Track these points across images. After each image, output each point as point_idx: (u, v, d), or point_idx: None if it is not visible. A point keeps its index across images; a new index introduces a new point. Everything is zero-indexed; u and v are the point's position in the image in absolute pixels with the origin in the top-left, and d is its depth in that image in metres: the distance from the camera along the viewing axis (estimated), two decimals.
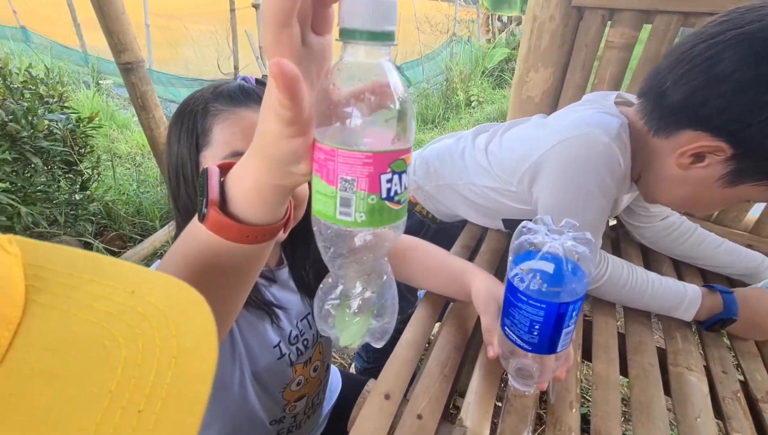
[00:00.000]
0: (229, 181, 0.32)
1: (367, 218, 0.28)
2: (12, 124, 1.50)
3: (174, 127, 0.57)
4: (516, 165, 0.77)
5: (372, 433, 0.51)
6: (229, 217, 0.31)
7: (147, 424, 0.16)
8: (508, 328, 0.48)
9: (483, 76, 4.92)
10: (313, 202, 0.30)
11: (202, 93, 0.56)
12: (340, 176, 0.27)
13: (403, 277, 0.74)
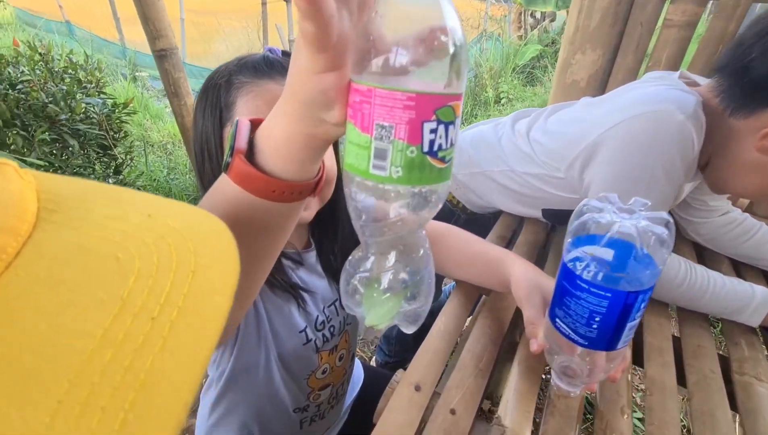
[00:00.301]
0: (259, 133, 0.29)
1: (404, 174, 0.24)
2: (51, 105, 1.55)
3: (199, 102, 0.55)
4: (566, 149, 0.71)
5: (401, 425, 0.47)
6: (255, 168, 0.28)
7: (161, 331, 0.15)
8: (561, 320, 0.42)
9: (514, 72, 4.79)
10: (345, 154, 0.26)
11: (227, 66, 0.54)
12: (376, 122, 0.23)
13: (435, 265, 0.70)
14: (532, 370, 0.54)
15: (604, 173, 0.66)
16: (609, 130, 0.63)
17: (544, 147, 0.77)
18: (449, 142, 0.24)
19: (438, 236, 0.69)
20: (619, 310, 0.36)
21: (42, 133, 1.48)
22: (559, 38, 5.40)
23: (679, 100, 0.59)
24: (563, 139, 0.73)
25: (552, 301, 0.45)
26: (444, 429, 0.47)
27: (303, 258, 0.67)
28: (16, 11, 5.78)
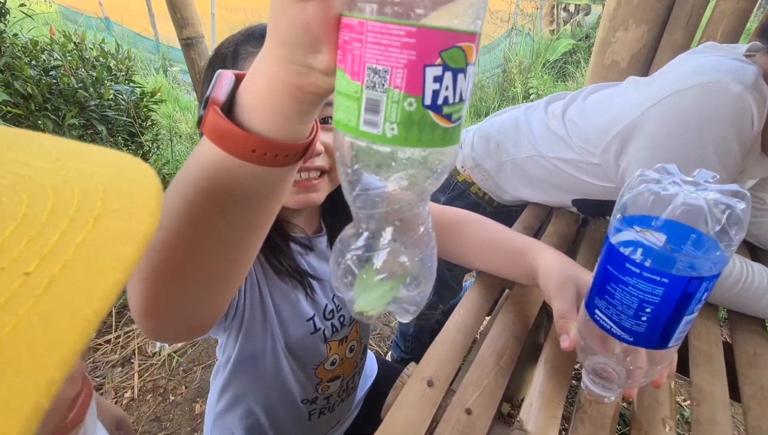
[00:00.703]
0: (242, 86, 0.25)
1: (400, 132, 0.19)
2: (81, 91, 1.58)
3: (206, 74, 0.52)
4: (602, 132, 0.65)
5: (411, 423, 0.43)
6: (232, 122, 0.23)
7: (34, 289, 0.12)
8: (602, 312, 0.36)
9: (544, 68, 4.63)
10: (335, 109, 0.22)
11: (234, 36, 0.51)
12: (368, 65, 0.19)
13: (453, 254, 0.65)
14: (560, 371, 0.49)
15: (642, 158, 0.59)
16: (649, 110, 0.56)
17: (580, 129, 0.70)
18: (458, 95, 0.19)
19: (460, 224, 0.64)
20: (676, 300, 0.30)
21: (71, 118, 1.52)
22: (593, 32, 5.18)
23: (736, 70, 0.51)
24: (599, 122, 0.66)
25: (591, 291, 0.39)
26: (458, 430, 0.42)
27: (313, 243, 0.63)
28: (60, 8, 6.07)
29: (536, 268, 0.52)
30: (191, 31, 1.88)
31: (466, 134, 0.96)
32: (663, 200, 0.30)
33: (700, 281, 0.30)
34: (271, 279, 0.58)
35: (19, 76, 1.44)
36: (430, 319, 1.26)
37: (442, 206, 0.68)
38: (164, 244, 0.26)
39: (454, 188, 0.98)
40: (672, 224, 0.30)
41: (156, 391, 1.37)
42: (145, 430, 1.25)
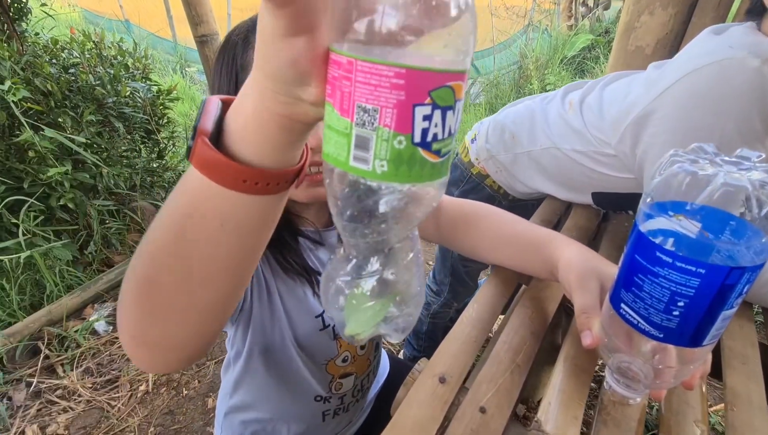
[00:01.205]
0: (230, 112, 0.24)
1: (390, 169, 0.19)
2: (99, 88, 1.60)
3: (216, 62, 0.50)
4: (616, 121, 0.61)
5: (422, 420, 0.40)
6: (221, 152, 0.23)
7: None
8: (628, 306, 0.34)
9: (562, 64, 4.53)
10: (324, 141, 0.22)
11: (245, 22, 0.48)
12: (358, 103, 0.19)
13: (468, 248, 0.63)
14: (581, 369, 0.46)
15: (661, 144, 0.55)
16: (662, 95, 0.53)
17: (596, 119, 0.66)
18: (447, 131, 0.20)
19: (475, 217, 0.62)
20: (713, 293, 0.27)
21: (89, 114, 1.54)
22: (613, 27, 5.04)
23: (754, 44, 0.48)
24: (614, 110, 0.63)
25: (616, 283, 0.36)
26: (472, 429, 0.40)
27: (323, 237, 0.62)
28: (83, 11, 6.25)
29: (556, 261, 0.49)
30: (206, 28, 1.90)
31: (480, 126, 0.93)
32: (700, 182, 0.27)
33: (741, 272, 0.26)
34: (278, 274, 0.57)
35: (39, 74, 1.47)
36: (444, 317, 1.24)
37: (457, 199, 0.65)
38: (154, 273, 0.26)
39: (467, 181, 0.95)
40: (709, 209, 0.27)
41: (170, 385, 1.38)
42: (158, 423, 1.26)
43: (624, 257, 0.34)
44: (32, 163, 1.43)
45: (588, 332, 0.41)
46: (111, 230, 1.86)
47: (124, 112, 1.76)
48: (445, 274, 1.12)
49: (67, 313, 1.55)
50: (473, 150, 0.93)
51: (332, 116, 0.20)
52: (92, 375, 1.41)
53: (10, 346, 1.42)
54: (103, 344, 1.51)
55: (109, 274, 1.73)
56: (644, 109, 0.55)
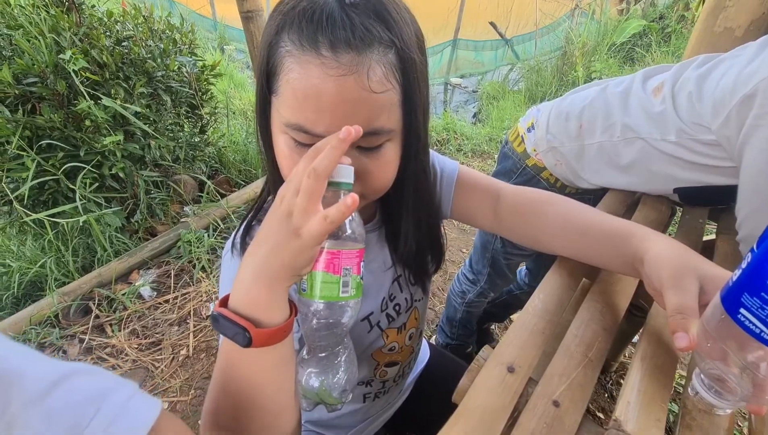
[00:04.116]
0: (243, 307, 0.37)
1: (357, 292, 0.41)
2: (150, 61, 1.64)
3: (265, 26, 0.44)
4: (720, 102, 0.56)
5: (491, 408, 0.39)
6: (267, 328, 0.36)
7: None
8: (751, 312, 0.30)
9: (610, 51, 4.28)
10: (315, 289, 0.39)
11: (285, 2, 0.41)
12: (344, 266, 0.39)
13: (531, 236, 0.59)
14: (661, 371, 0.43)
15: (767, 126, 0.50)
16: None
17: (691, 104, 0.61)
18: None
19: (541, 204, 0.58)
20: None
21: (141, 87, 1.58)
22: (669, 12, 4.71)
23: None
24: (718, 92, 0.57)
25: (736, 286, 0.33)
26: (545, 422, 0.38)
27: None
28: None
29: (642, 254, 0.46)
30: (251, 4, 1.89)
31: (538, 113, 0.88)
32: None
33: None
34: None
35: (96, 45, 1.51)
36: (479, 307, 1.22)
37: (518, 187, 0.62)
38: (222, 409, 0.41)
39: (522, 173, 0.91)
40: None
41: (209, 351, 1.44)
42: (198, 386, 1.32)
43: (753, 258, 0.31)
44: (88, 132, 1.49)
45: (683, 334, 0.38)
46: (155, 200, 1.93)
47: (172, 85, 1.79)
48: (483, 264, 1.09)
49: (115, 277, 1.63)
50: (530, 140, 0.88)
51: (325, 276, 0.38)
52: (137, 336, 1.48)
53: (64, 304, 1.51)
54: (147, 308, 1.58)
55: (153, 242, 1.80)
56: (753, 88, 0.50)
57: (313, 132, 0.39)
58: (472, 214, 0.64)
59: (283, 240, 0.35)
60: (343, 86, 0.37)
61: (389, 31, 0.38)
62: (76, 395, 0.30)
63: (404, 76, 0.40)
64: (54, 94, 1.43)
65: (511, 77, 4.67)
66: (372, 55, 0.37)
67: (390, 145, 0.43)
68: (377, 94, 0.38)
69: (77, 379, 0.31)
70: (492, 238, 1.01)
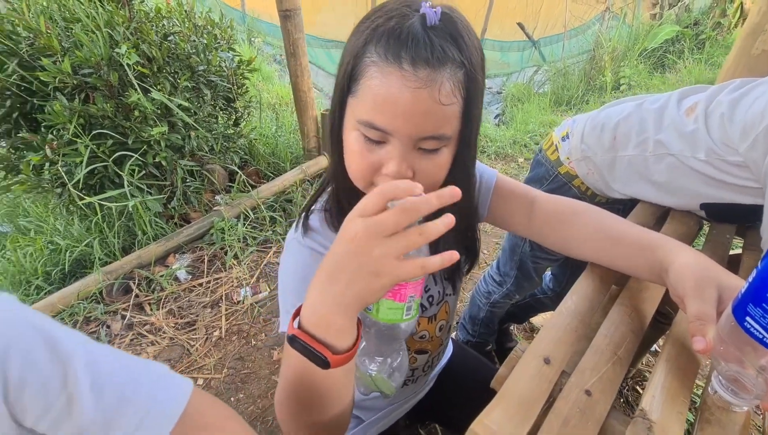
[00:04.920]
0: (316, 330, 0.39)
1: (417, 312, 0.45)
2: (194, 56, 1.72)
3: (349, 38, 0.49)
4: (749, 125, 0.60)
5: (529, 395, 0.45)
6: (340, 353, 0.39)
7: None
8: (755, 321, 0.35)
9: (640, 56, 4.21)
10: (381, 314, 0.43)
11: (373, 20, 0.46)
12: (409, 295, 0.43)
13: (562, 243, 0.64)
14: (683, 371, 0.48)
15: None
16: None
17: (723, 125, 0.64)
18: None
19: (573, 214, 0.63)
20: None
21: (185, 80, 1.67)
22: (704, 19, 4.59)
23: None
24: (749, 116, 0.61)
25: (744, 296, 0.38)
26: (579, 408, 0.43)
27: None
28: None
29: (668, 265, 0.50)
30: (290, 3, 1.96)
31: (574, 124, 0.92)
32: None
33: None
34: None
35: (145, 40, 1.60)
36: (503, 308, 1.26)
37: (552, 195, 0.66)
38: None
39: (554, 180, 0.95)
40: None
41: (240, 334, 1.52)
42: (231, 366, 1.41)
43: (758, 273, 0.36)
44: (136, 122, 1.58)
45: (701, 338, 0.43)
46: (190, 188, 2.02)
47: (212, 79, 1.88)
48: (511, 267, 1.14)
49: (154, 259, 1.73)
50: (564, 148, 0.92)
51: (391, 303, 0.42)
52: (174, 316, 1.58)
53: (108, 282, 1.62)
54: (183, 290, 1.68)
55: (189, 228, 1.90)
56: None
57: (383, 130, 0.45)
58: (506, 219, 0.69)
59: (360, 278, 0.36)
60: (418, 97, 0.43)
61: (461, 53, 0.44)
62: (123, 372, 0.37)
63: (467, 92, 0.46)
64: (107, 85, 1.53)
65: (537, 79, 4.63)
66: (445, 72, 0.43)
67: (446, 150, 0.49)
68: (444, 105, 0.44)
69: (120, 356, 0.38)
70: (521, 241, 1.05)
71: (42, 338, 0.33)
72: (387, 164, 0.47)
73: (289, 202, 2.15)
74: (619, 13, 4.74)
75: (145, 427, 0.35)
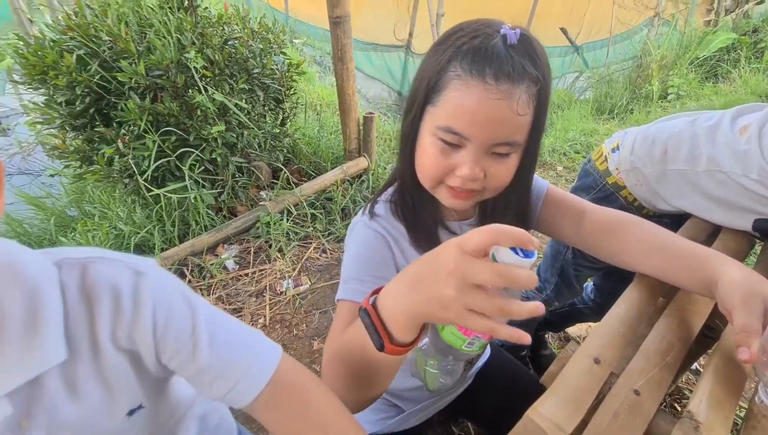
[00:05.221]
0: (386, 319, 0.43)
1: (480, 348, 0.46)
2: (252, 60, 1.84)
3: (429, 54, 0.55)
4: None
5: (580, 391, 0.49)
6: (399, 345, 0.42)
7: None
8: None
9: (691, 65, 4.04)
10: (444, 335, 0.45)
11: (455, 39, 0.51)
12: (475, 335, 0.43)
13: (611, 254, 0.67)
14: (731, 381, 0.50)
15: None
16: None
17: None
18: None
19: (623, 225, 0.66)
20: None
21: (242, 83, 1.78)
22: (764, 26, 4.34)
23: None
24: None
25: None
26: (627, 405, 0.47)
27: (462, 229, 0.69)
28: None
29: (718, 278, 0.53)
30: (341, 10, 2.04)
31: (625, 136, 0.94)
32: None
33: None
34: (413, 256, 0.65)
35: (209, 45, 1.73)
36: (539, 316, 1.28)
37: (604, 207, 0.69)
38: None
39: (601, 189, 0.97)
40: None
41: (283, 323, 1.62)
42: None
43: None
44: (198, 120, 1.71)
45: (745, 349, 0.46)
46: (238, 183, 2.15)
47: (265, 82, 1.99)
48: (551, 274, 1.16)
49: (205, 248, 1.86)
50: (613, 159, 0.94)
51: (456, 331, 0.43)
52: (223, 302, 1.69)
53: (166, 266, 1.75)
54: (231, 279, 1.80)
55: (236, 221, 2.02)
56: None
57: (462, 135, 0.51)
58: (555, 228, 0.73)
59: (431, 302, 0.37)
60: (498, 107, 0.48)
61: (536, 69, 0.49)
62: (231, 333, 0.45)
63: (538, 105, 0.51)
64: (173, 86, 1.66)
65: (578, 86, 4.54)
66: (522, 86, 0.49)
67: (514, 155, 0.55)
68: (519, 116, 0.50)
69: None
70: (563, 248, 1.08)
71: (181, 296, 0.41)
72: (461, 166, 0.53)
73: (330, 200, 2.24)
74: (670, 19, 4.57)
75: (245, 380, 0.43)
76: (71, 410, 0.36)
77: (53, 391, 0.35)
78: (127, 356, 0.39)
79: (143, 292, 0.38)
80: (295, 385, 0.46)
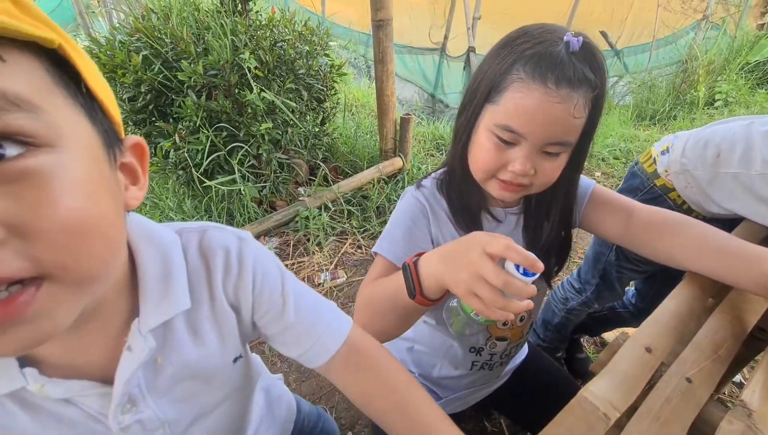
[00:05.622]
0: (423, 276, 0.53)
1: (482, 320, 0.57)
2: (298, 61, 1.93)
3: (492, 55, 0.58)
4: None
5: (631, 375, 0.51)
6: (426, 299, 0.53)
7: None
8: None
9: (741, 71, 3.86)
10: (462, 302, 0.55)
11: (519, 44, 0.54)
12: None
13: (663, 253, 0.68)
14: None
15: None
16: None
17: None
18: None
19: (674, 225, 0.67)
20: None
21: (289, 83, 1.87)
22: None
23: None
24: None
25: None
26: (680, 391, 0.49)
27: (506, 217, 0.72)
28: None
29: None
30: (384, 14, 2.10)
31: (675, 139, 0.94)
32: None
33: None
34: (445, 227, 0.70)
35: (261, 46, 1.82)
36: (579, 316, 1.28)
37: (651, 206, 0.71)
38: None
39: (648, 191, 0.98)
40: None
41: None
42: None
43: None
44: (248, 118, 1.81)
45: None
46: (279, 179, 2.25)
47: (310, 82, 2.08)
48: (593, 275, 1.16)
49: None
50: (662, 162, 0.94)
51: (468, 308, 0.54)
52: None
53: None
54: None
55: (277, 214, 2.12)
56: None
57: (519, 133, 0.55)
58: (600, 226, 0.75)
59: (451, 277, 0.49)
60: (556, 111, 0.52)
61: (596, 75, 0.52)
62: (311, 300, 0.52)
63: (593, 109, 0.54)
64: (227, 84, 1.77)
65: (618, 91, 4.42)
66: (581, 91, 0.52)
67: (564, 155, 0.58)
68: (575, 119, 0.53)
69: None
70: (606, 250, 1.08)
71: (273, 261, 0.47)
72: (514, 162, 0.57)
73: (366, 198, 2.30)
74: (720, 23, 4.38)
75: (323, 339, 0.48)
76: (193, 351, 0.42)
77: (181, 332, 0.41)
78: (233, 310, 0.45)
79: (246, 254, 0.44)
80: (366, 349, 0.51)
